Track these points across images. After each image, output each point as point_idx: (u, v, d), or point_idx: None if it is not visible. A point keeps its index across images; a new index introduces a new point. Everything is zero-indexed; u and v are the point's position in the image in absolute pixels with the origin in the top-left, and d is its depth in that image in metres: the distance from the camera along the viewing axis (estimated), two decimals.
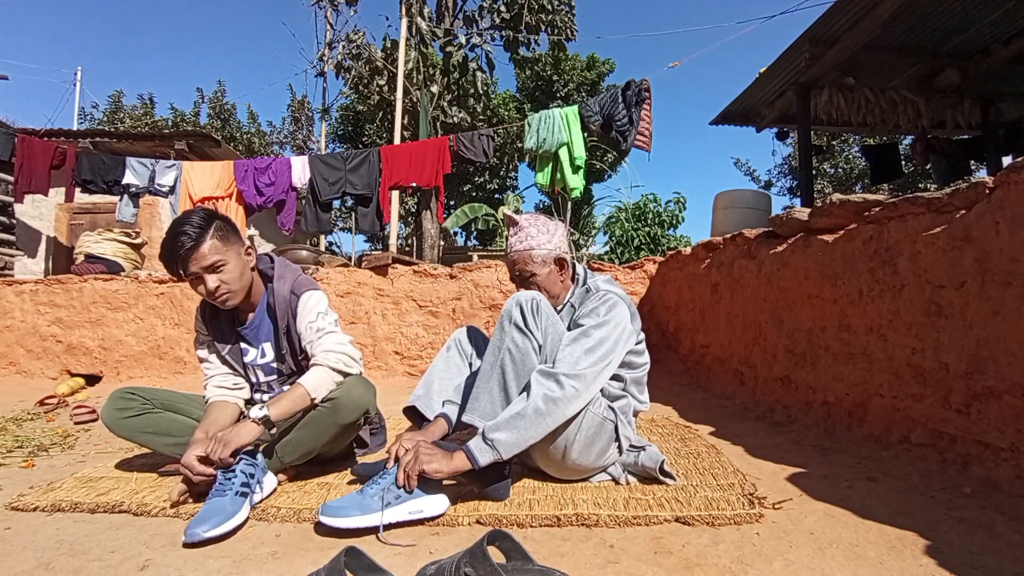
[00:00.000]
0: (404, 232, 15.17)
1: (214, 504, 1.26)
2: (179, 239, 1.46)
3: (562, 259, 1.59)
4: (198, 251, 1.46)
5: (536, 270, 1.57)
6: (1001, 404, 1.31)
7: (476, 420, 1.38)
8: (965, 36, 4.51)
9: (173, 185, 5.30)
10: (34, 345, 4.11)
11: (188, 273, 1.49)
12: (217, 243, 1.50)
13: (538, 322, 1.42)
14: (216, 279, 1.49)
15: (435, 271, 4.00)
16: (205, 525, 1.18)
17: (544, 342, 1.43)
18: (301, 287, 1.64)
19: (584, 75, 16.42)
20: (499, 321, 1.45)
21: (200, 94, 17.25)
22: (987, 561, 1.01)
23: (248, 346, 1.68)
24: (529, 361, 1.41)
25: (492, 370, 1.42)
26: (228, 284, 1.51)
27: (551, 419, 1.30)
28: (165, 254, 1.48)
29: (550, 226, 1.61)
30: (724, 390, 2.71)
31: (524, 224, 1.60)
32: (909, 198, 1.61)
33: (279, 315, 1.62)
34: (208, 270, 1.48)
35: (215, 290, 1.50)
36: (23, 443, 2.11)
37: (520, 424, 1.28)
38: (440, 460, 1.27)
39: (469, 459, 1.27)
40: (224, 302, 1.53)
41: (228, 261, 1.51)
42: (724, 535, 1.17)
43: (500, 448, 1.26)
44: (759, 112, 6.07)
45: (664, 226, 8.53)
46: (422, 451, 1.28)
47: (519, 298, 1.44)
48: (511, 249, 1.61)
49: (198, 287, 1.51)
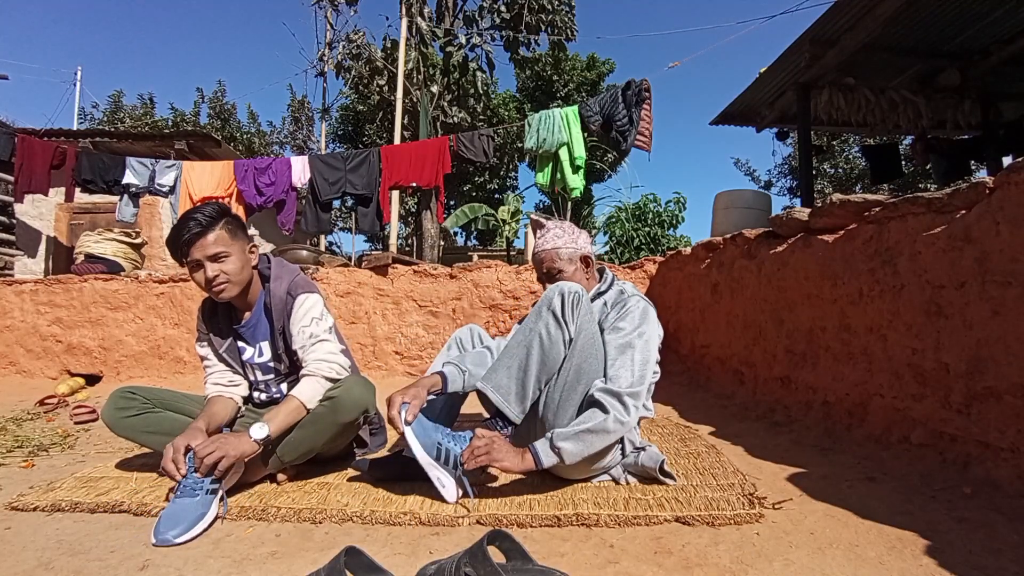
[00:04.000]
0: (404, 232, 15.17)
1: (183, 505, 1.26)
2: (188, 224, 1.49)
3: (587, 257, 1.68)
4: (204, 238, 1.49)
5: (563, 267, 1.65)
6: (1001, 404, 1.31)
7: (489, 390, 1.43)
8: (965, 36, 4.51)
9: (173, 185, 5.30)
10: (34, 345, 4.11)
11: (190, 259, 1.50)
12: (224, 235, 1.53)
13: (575, 316, 1.43)
14: (216, 268, 1.51)
15: (435, 271, 4.00)
16: (176, 529, 1.19)
17: (576, 337, 1.44)
18: (297, 288, 1.65)
19: (584, 75, 16.41)
20: (538, 305, 1.47)
21: (200, 94, 17.25)
22: (987, 561, 1.01)
23: (245, 344, 1.70)
24: (556, 351, 1.42)
25: (518, 348, 1.44)
26: (227, 275, 1.53)
27: (614, 436, 1.37)
28: (171, 237, 1.51)
29: (573, 231, 1.71)
30: (724, 390, 2.71)
31: (550, 226, 1.70)
32: (909, 198, 1.61)
33: (275, 315, 1.63)
34: (210, 259, 1.51)
35: (213, 279, 1.51)
36: (23, 443, 2.11)
37: (589, 439, 1.33)
38: (511, 458, 1.33)
39: (535, 461, 1.33)
40: (219, 292, 1.54)
41: (231, 254, 1.54)
42: (724, 535, 1.17)
43: (564, 456, 1.32)
44: (759, 112, 6.07)
45: (664, 226, 8.52)
46: (497, 445, 1.34)
47: (562, 288, 1.45)
48: (538, 249, 1.69)
49: (196, 274, 1.53)
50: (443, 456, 1.37)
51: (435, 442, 1.38)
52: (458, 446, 1.39)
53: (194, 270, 1.53)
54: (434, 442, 1.38)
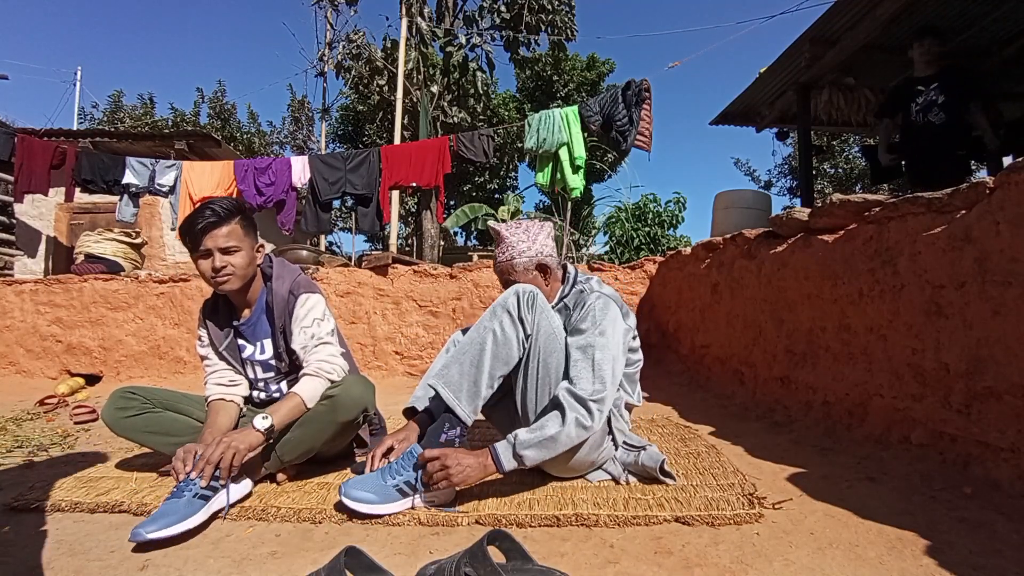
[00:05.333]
0: (404, 232, 15.17)
1: (169, 505, 1.24)
2: (205, 212, 1.53)
3: (543, 265, 1.62)
4: (219, 229, 1.53)
5: (518, 279, 1.61)
6: (1001, 404, 1.31)
7: (440, 387, 1.43)
8: (965, 36, 4.51)
9: (173, 185, 5.29)
10: (34, 345, 4.11)
11: (200, 247, 1.54)
12: (238, 229, 1.57)
13: (531, 316, 1.44)
14: (225, 260, 1.55)
15: (435, 271, 4.00)
16: (152, 526, 1.17)
17: (535, 333, 1.44)
18: (300, 288, 1.67)
19: (584, 75, 16.40)
20: (493, 305, 1.48)
21: (200, 94, 17.26)
22: (988, 562, 1.01)
23: (245, 342, 1.71)
24: (509, 349, 1.43)
25: (471, 346, 1.45)
26: (234, 268, 1.57)
27: (577, 441, 1.36)
28: (186, 223, 1.54)
29: (532, 231, 1.63)
30: (724, 390, 2.71)
31: (506, 235, 1.64)
32: (909, 198, 1.61)
33: (276, 313, 1.64)
34: (221, 250, 1.54)
35: (220, 269, 1.54)
36: (23, 443, 2.11)
37: (551, 446, 1.33)
38: (470, 472, 1.31)
39: (496, 466, 1.32)
40: (221, 283, 1.57)
41: (241, 249, 1.58)
42: (724, 535, 1.17)
43: (527, 463, 1.32)
44: (759, 112, 6.06)
45: (664, 226, 8.52)
46: (451, 464, 1.30)
47: (518, 288, 1.47)
48: (496, 261, 1.67)
49: (204, 262, 1.55)
50: (407, 490, 1.33)
51: (392, 487, 1.33)
52: (407, 472, 1.35)
53: (202, 258, 1.55)
54: (390, 488, 1.33)
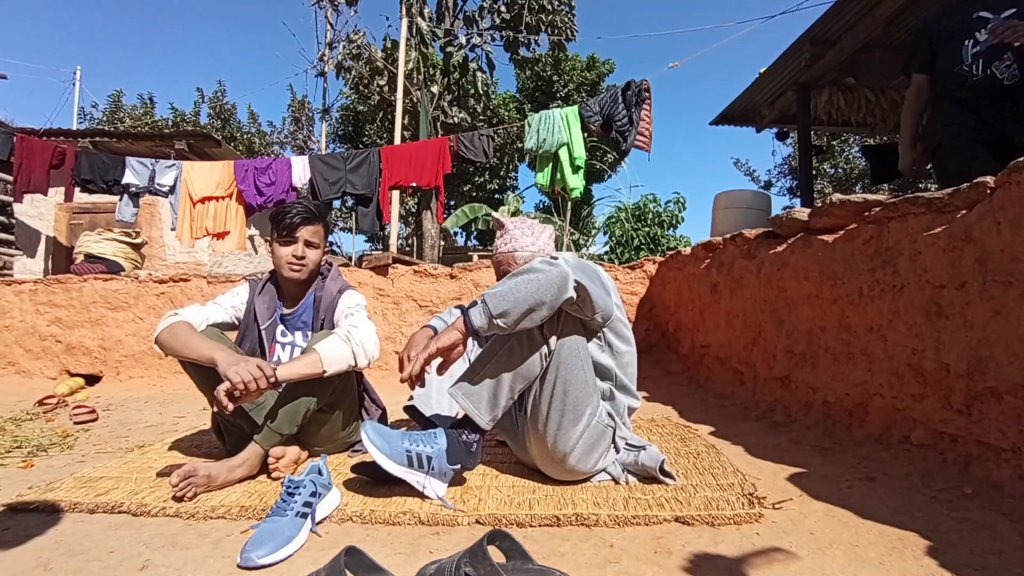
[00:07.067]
0: (404, 232, 15.17)
1: (272, 526, 1.18)
2: (300, 206, 1.75)
3: None
4: (313, 225, 1.76)
5: None
6: (1002, 404, 1.31)
7: (459, 396, 1.38)
8: None
9: (173, 185, 5.29)
10: (33, 345, 4.11)
11: (292, 234, 1.73)
12: (322, 231, 1.82)
13: (557, 324, 1.39)
14: (305, 251, 1.76)
15: (435, 271, 3.99)
16: (261, 550, 1.11)
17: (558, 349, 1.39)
18: (347, 286, 1.86)
19: (584, 75, 16.41)
20: None
21: (200, 94, 17.26)
22: (989, 562, 1.01)
23: (286, 329, 1.85)
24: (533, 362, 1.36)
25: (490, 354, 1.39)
26: (309, 261, 1.78)
27: (542, 278, 1.26)
28: (282, 211, 1.74)
29: (535, 229, 1.63)
30: (724, 390, 2.71)
31: (510, 227, 1.64)
32: (909, 198, 1.61)
33: (322, 307, 1.80)
34: (305, 243, 1.76)
35: (301, 256, 1.75)
36: (22, 443, 2.11)
37: (515, 281, 1.26)
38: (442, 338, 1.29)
39: (466, 322, 1.28)
40: (296, 271, 1.76)
41: (318, 247, 1.81)
42: (724, 535, 1.17)
43: (491, 304, 1.24)
44: (759, 112, 6.07)
45: (664, 226, 8.52)
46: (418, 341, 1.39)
47: None
48: (496, 251, 1.66)
49: (286, 248, 1.74)
50: (415, 462, 1.35)
51: (403, 451, 1.34)
52: (428, 447, 1.36)
53: (286, 244, 1.74)
54: (402, 451, 1.34)
